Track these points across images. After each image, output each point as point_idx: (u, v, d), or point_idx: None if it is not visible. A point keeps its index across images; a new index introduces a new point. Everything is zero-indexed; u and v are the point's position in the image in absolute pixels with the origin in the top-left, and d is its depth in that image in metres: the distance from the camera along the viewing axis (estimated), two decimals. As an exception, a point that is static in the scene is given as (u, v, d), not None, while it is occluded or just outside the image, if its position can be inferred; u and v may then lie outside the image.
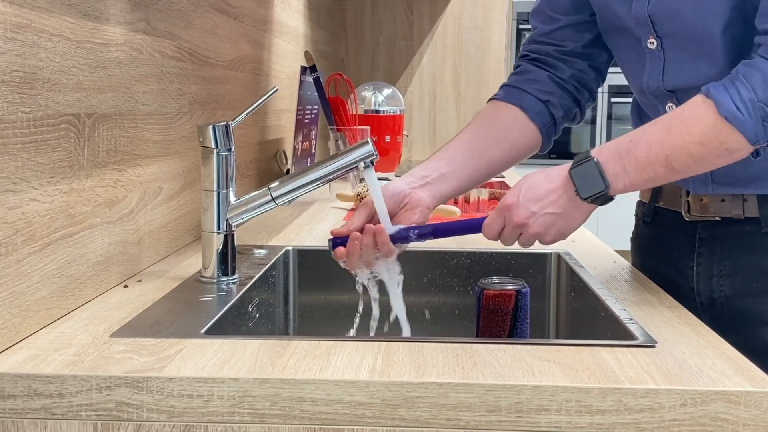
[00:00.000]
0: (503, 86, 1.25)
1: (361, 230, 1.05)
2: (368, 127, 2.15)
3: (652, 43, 1.08)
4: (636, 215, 1.31)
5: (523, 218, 0.99)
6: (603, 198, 0.97)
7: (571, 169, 0.98)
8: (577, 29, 1.22)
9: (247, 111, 1.12)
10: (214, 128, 1.06)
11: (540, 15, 1.26)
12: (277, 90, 1.17)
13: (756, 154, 0.95)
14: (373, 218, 1.08)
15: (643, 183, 0.98)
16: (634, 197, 1.32)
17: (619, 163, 0.96)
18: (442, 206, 1.65)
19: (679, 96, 1.09)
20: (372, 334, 1.10)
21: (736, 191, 1.08)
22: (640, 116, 1.22)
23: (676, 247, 1.18)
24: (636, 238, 1.31)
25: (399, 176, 2.46)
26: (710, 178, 1.09)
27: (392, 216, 1.10)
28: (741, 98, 0.92)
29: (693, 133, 0.94)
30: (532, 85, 1.21)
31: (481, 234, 1.04)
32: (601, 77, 1.26)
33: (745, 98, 0.91)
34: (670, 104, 1.11)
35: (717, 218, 1.11)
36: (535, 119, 1.20)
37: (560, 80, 1.22)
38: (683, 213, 1.14)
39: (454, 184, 1.16)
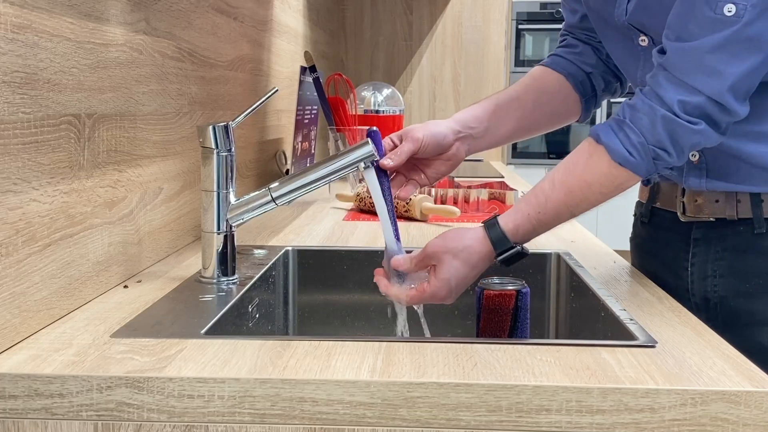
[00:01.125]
0: (550, 55, 1.32)
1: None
2: (368, 128, 2.15)
3: (643, 41, 1.11)
4: (634, 215, 1.31)
5: (445, 296, 1.03)
6: (515, 257, 1.02)
7: (497, 260, 1.03)
8: None
9: (246, 111, 1.12)
10: (214, 128, 1.06)
11: (565, 6, 1.33)
12: (276, 90, 1.17)
13: (647, 181, 1.03)
14: (416, 154, 1.13)
15: (546, 231, 1.04)
16: (633, 198, 1.32)
17: (533, 234, 1.03)
18: (442, 206, 1.66)
19: None
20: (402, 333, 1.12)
21: (729, 187, 1.09)
22: None
23: (671, 248, 1.18)
24: (634, 238, 1.31)
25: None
26: (705, 174, 1.10)
27: (425, 159, 1.14)
28: (631, 142, 0.97)
29: (592, 185, 1.00)
30: (577, 56, 1.28)
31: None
32: None
33: (635, 142, 0.96)
34: None
35: (711, 219, 1.12)
36: (578, 88, 1.26)
37: (602, 59, 1.28)
38: (678, 213, 1.15)
39: (492, 140, 1.22)
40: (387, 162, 1.08)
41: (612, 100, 1.42)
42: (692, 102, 0.94)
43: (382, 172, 1.06)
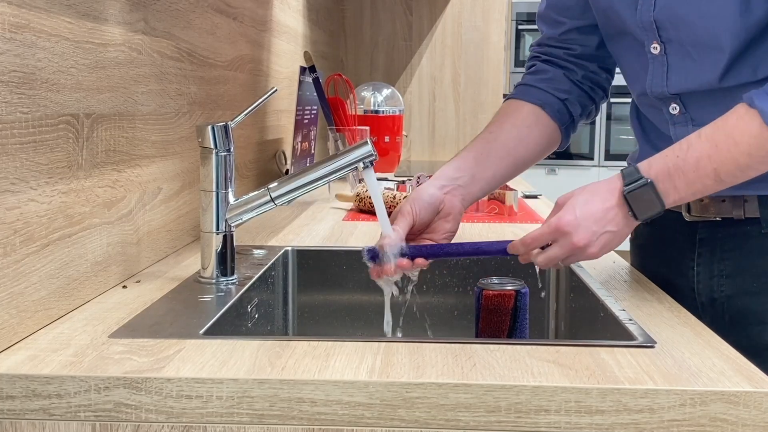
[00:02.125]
0: (519, 85, 1.26)
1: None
2: (367, 128, 2.15)
3: (655, 48, 1.08)
4: None
5: (585, 239, 0.96)
6: (655, 217, 0.97)
7: (625, 191, 0.97)
8: (583, 32, 1.24)
9: (246, 111, 1.12)
10: (212, 128, 1.06)
11: (546, 19, 1.28)
12: (276, 90, 1.17)
13: None
14: (413, 226, 1.08)
15: (691, 196, 0.98)
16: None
17: (669, 181, 0.96)
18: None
19: (683, 98, 1.09)
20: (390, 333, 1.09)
21: (736, 192, 1.07)
22: (639, 119, 1.22)
23: (676, 248, 1.18)
24: (635, 239, 1.31)
25: (399, 176, 2.46)
26: None
27: (425, 225, 1.10)
28: None
29: (740, 144, 0.94)
30: (549, 84, 1.23)
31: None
32: (611, 76, 1.28)
33: None
34: (674, 105, 1.10)
35: (717, 219, 1.11)
36: (555, 117, 1.21)
37: (575, 80, 1.24)
38: (683, 213, 1.14)
39: (483, 185, 1.17)
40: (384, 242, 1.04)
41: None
42: None
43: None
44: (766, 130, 0.93)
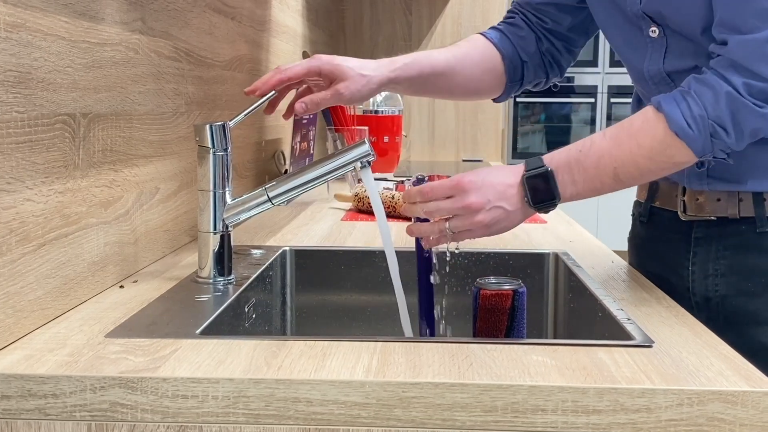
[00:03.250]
0: (494, 28, 1.31)
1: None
2: (366, 128, 2.15)
3: (654, 32, 1.10)
4: (633, 215, 1.30)
5: (479, 203, 0.98)
6: (550, 206, 1.00)
7: (525, 175, 0.99)
8: (560, 9, 1.28)
9: (245, 112, 1.12)
10: (211, 128, 1.06)
11: None
12: (275, 94, 1.16)
13: (700, 164, 0.99)
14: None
15: (589, 193, 1.00)
16: (632, 198, 1.32)
17: (568, 174, 0.99)
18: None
19: (677, 82, 1.09)
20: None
21: (731, 187, 1.08)
22: (640, 108, 1.23)
23: (671, 247, 1.18)
24: (633, 238, 1.31)
25: (398, 176, 2.46)
26: (706, 173, 1.09)
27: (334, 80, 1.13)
28: (692, 114, 0.94)
29: (642, 147, 0.96)
30: (520, 41, 1.29)
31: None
32: (573, 58, 1.33)
33: (695, 114, 0.94)
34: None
35: (713, 218, 1.11)
36: (508, 72, 1.28)
37: (541, 49, 1.29)
38: (679, 212, 1.14)
39: (405, 93, 1.28)
40: (300, 106, 1.11)
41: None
42: (758, 86, 0.93)
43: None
44: (669, 135, 0.95)
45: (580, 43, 1.31)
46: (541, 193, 0.98)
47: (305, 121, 2.05)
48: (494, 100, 1.34)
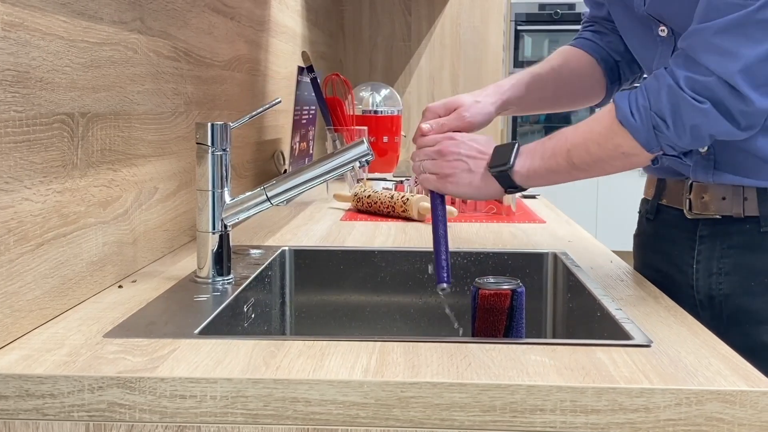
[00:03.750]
0: (579, 38, 1.36)
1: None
2: (365, 128, 2.15)
3: (663, 31, 1.11)
4: (639, 212, 1.31)
5: (448, 150, 1.08)
6: (504, 176, 1.05)
7: (496, 146, 1.08)
8: None
9: (249, 116, 1.12)
10: (212, 127, 1.05)
11: (588, 1, 1.36)
12: (279, 101, 1.17)
13: (654, 161, 1.00)
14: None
15: (545, 173, 1.05)
16: (636, 196, 1.32)
17: (531, 150, 1.06)
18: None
19: None
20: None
21: (736, 180, 1.08)
22: None
23: (676, 245, 1.18)
24: (638, 235, 1.32)
25: (397, 176, 2.46)
26: (713, 164, 1.09)
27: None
28: (636, 104, 0.97)
29: (593, 132, 1.02)
30: (608, 44, 1.33)
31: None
32: None
33: (639, 104, 0.97)
34: None
35: (718, 216, 1.11)
36: (607, 74, 1.32)
37: (626, 48, 1.32)
38: (685, 211, 1.15)
39: (517, 112, 1.33)
40: (425, 126, 1.16)
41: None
42: (700, 80, 0.94)
43: (438, 196, 1.13)
44: (615, 123, 0.99)
45: None
46: (498, 159, 1.06)
47: (304, 121, 2.05)
48: (595, 106, 1.36)
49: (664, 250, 1.22)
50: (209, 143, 1.06)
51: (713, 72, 0.93)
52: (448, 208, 1.63)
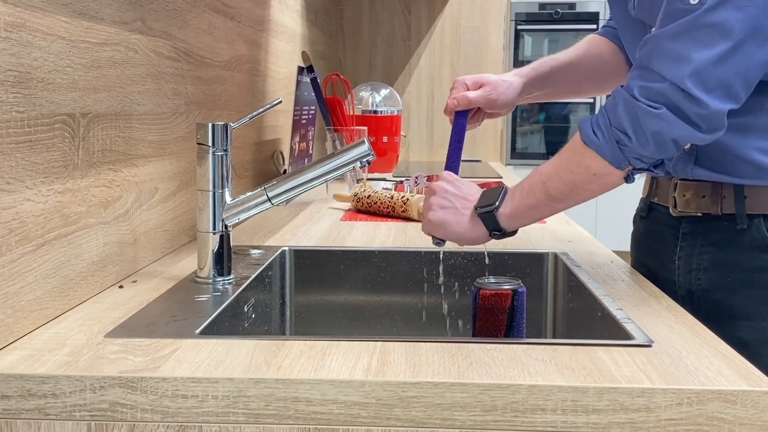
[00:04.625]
0: (606, 26, 1.39)
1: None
2: (365, 128, 2.15)
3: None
4: (636, 210, 1.33)
5: (440, 188, 1.10)
6: (488, 216, 1.06)
7: (484, 190, 1.10)
8: None
9: (250, 116, 1.12)
10: (213, 127, 1.06)
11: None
12: (280, 101, 1.17)
13: (627, 178, 1.02)
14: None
15: (526, 210, 1.06)
16: (636, 196, 1.33)
17: (512, 191, 1.08)
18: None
19: None
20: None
21: (713, 177, 1.10)
22: None
23: (663, 242, 1.21)
24: (634, 233, 1.34)
25: (397, 176, 2.46)
26: (693, 160, 1.12)
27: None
28: (597, 124, 1.00)
29: (563, 159, 1.04)
30: None
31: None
32: None
33: (600, 123, 0.99)
34: None
35: (699, 214, 1.14)
36: (628, 59, 1.32)
37: None
38: (670, 208, 1.18)
39: (541, 98, 1.38)
40: (452, 102, 1.22)
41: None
42: (654, 87, 0.95)
43: (461, 114, 1.22)
44: (581, 146, 1.01)
45: None
46: (488, 199, 1.07)
47: (304, 121, 2.05)
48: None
49: (653, 247, 1.25)
50: (210, 143, 1.06)
51: (665, 77, 0.95)
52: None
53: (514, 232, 1.09)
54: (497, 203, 1.06)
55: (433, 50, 3.33)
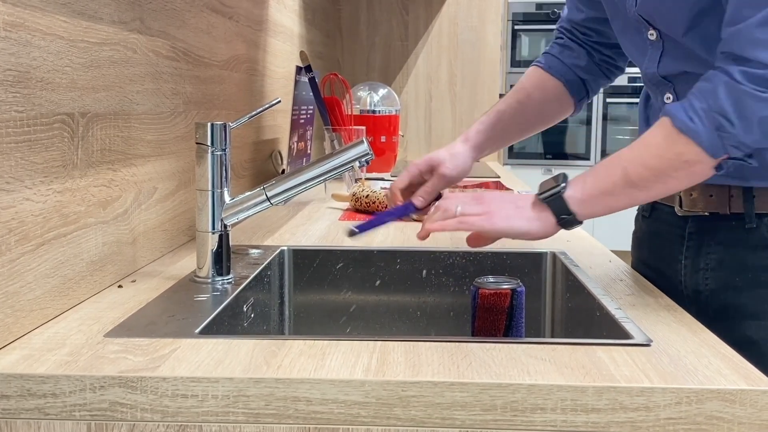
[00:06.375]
0: (547, 53, 1.37)
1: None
2: (364, 128, 2.15)
3: (652, 35, 1.12)
4: (637, 210, 1.32)
5: (489, 197, 1.02)
6: (555, 198, 0.98)
7: (540, 182, 1.03)
8: (600, 23, 1.31)
9: (248, 115, 1.12)
10: (212, 126, 1.06)
11: (570, 3, 1.37)
12: (279, 101, 1.17)
13: (719, 167, 0.95)
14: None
15: (600, 194, 0.98)
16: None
17: (580, 178, 1.00)
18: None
19: (676, 86, 1.12)
20: None
21: (722, 180, 1.07)
22: (647, 108, 1.25)
23: (668, 241, 1.20)
24: (636, 232, 1.34)
25: (395, 175, 2.46)
26: None
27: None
28: (693, 108, 0.93)
29: (650, 146, 0.96)
30: (574, 62, 1.34)
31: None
32: (627, 60, 1.36)
33: (697, 108, 0.93)
34: (668, 95, 1.14)
35: (705, 213, 1.13)
36: (573, 93, 1.34)
37: (595, 61, 1.34)
38: (676, 208, 1.17)
39: (495, 149, 1.35)
40: (418, 201, 1.18)
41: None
42: (757, 73, 0.91)
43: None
44: (674, 131, 0.94)
45: None
46: (548, 185, 1.00)
47: (302, 121, 2.05)
48: (570, 115, 1.40)
49: (657, 247, 1.24)
50: (209, 143, 1.06)
51: (764, 63, 0.91)
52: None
53: (581, 222, 1.01)
54: (562, 184, 0.98)
55: (431, 50, 3.33)
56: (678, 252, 1.17)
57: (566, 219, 0.99)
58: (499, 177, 2.52)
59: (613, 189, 0.97)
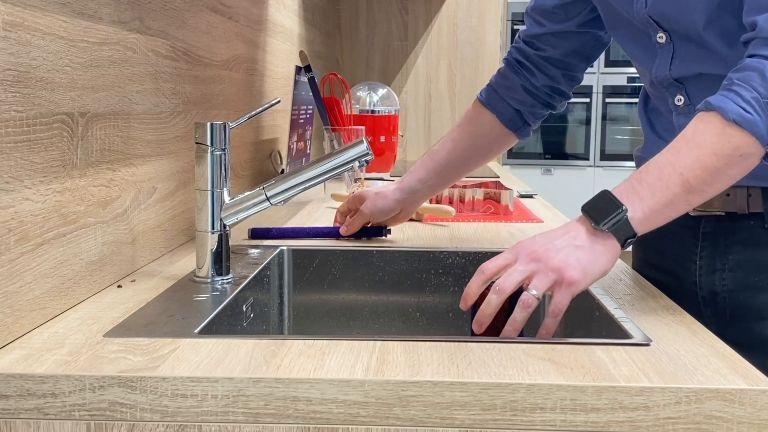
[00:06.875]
0: (488, 86, 1.41)
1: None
2: (363, 127, 2.15)
3: (661, 38, 1.11)
4: None
5: (542, 248, 0.90)
6: (621, 224, 0.90)
7: (582, 207, 0.93)
8: (559, 37, 1.31)
9: (248, 115, 1.12)
10: (211, 126, 1.06)
11: (529, 17, 1.36)
12: (279, 101, 1.17)
13: (767, 157, 0.92)
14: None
15: (662, 208, 0.91)
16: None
17: (632, 191, 0.92)
18: (437, 206, 1.66)
19: (687, 87, 1.11)
20: None
21: (741, 183, 1.02)
22: (647, 110, 1.24)
23: (679, 241, 1.18)
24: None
25: (394, 176, 2.46)
26: None
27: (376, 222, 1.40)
28: (744, 99, 0.89)
29: (703, 145, 0.90)
30: (508, 92, 1.37)
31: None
32: (576, 81, 1.38)
33: (748, 98, 0.89)
34: (679, 97, 1.12)
35: (721, 213, 1.11)
36: (509, 125, 1.38)
37: (533, 89, 1.35)
38: None
39: (436, 191, 1.44)
40: (342, 230, 1.39)
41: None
42: None
43: None
44: (728, 125, 0.89)
45: (580, 68, 1.36)
46: (604, 210, 0.91)
47: (302, 121, 2.05)
48: (518, 141, 1.43)
49: (666, 248, 1.22)
50: (209, 143, 1.06)
51: None
52: (446, 207, 1.64)
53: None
54: (622, 207, 0.90)
55: (431, 50, 3.33)
56: (692, 252, 1.16)
57: (631, 241, 0.92)
58: (498, 177, 2.52)
59: (673, 199, 0.91)
